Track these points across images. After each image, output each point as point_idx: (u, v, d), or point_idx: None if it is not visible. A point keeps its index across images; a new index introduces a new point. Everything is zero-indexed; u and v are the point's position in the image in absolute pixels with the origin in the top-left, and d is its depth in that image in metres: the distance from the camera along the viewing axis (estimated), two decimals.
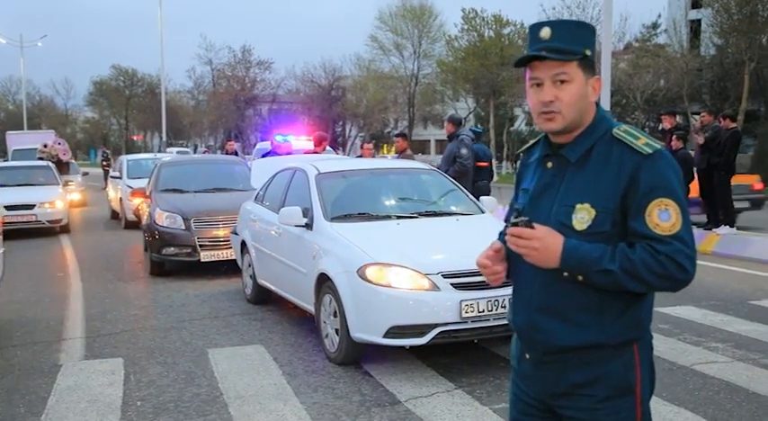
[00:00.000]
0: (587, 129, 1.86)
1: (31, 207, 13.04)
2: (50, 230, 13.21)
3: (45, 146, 19.94)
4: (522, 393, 2.01)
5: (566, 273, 1.79)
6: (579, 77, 1.83)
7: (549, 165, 1.90)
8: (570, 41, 1.81)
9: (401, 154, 10.23)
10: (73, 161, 21.52)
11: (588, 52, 1.84)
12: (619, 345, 1.84)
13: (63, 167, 18.68)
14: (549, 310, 1.85)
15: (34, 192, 13.49)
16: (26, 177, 14.70)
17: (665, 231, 1.74)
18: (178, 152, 34.52)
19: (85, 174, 21.29)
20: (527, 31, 1.91)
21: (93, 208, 18.83)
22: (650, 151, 1.78)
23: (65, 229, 13.41)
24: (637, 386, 1.86)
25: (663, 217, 1.75)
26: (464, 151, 9.22)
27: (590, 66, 1.86)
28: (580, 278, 1.77)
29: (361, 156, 10.91)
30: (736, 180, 10.87)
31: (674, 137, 10.05)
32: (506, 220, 2.21)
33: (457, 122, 9.75)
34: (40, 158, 18.69)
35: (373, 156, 10.20)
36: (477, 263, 2.00)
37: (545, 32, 1.82)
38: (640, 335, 1.88)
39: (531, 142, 2.08)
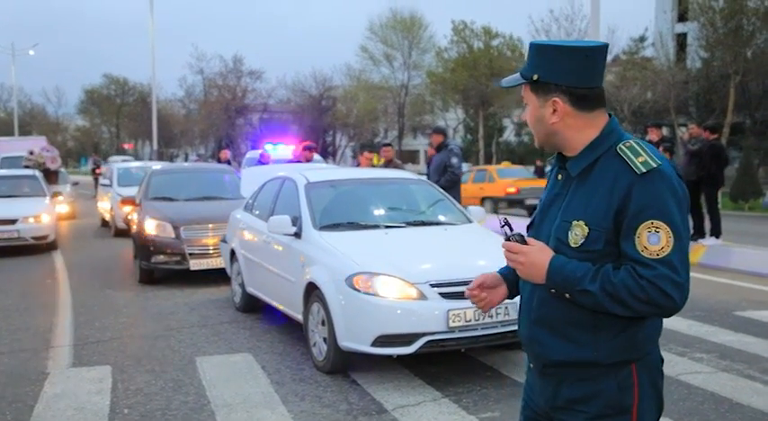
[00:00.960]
0: (592, 143, 1.83)
1: (12, 222, 11.49)
2: (35, 248, 11.77)
3: (31, 153, 18.34)
4: (531, 401, 2.03)
5: (553, 290, 1.80)
6: (533, 101, 1.87)
7: (560, 177, 1.92)
8: (527, 66, 1.87)
9: (389, 163, 10.30)
10: (62, 170, 19.98)
11: (536, 77, 1.82)
12: (613, 365, 1.81)
13: (51, 177, 17.21)
14: (545, 324, 1.87)
15: (17, 205, 11.93)
16: (9, 188, 13.00)
17: (652, 255, 1.69)
18: (93, 162, 31.07)
19: (75, 183, 19.86)
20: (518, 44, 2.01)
21: (83, 220, 17.58)
22: (644, 170, 1.71)
23: (51, 246, 11.94)
24: (633, 407, 1.82)
25: (652, 240, 1.69)
26: (455, 160, 9.37)
27: (542, 88, 1.83)
28: (567, 296, 1.78)
29: (358, 165, 10.92)
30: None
31: (660, 149, 10.15)
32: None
33: (445, 133, 9.89)
34: (27, 167, 17.22)
35: (372, 166, 10.22)
36: (468, 294, 2.09)
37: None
38: (639, 357, 1.83)
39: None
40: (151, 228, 8.81)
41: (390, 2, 76.37)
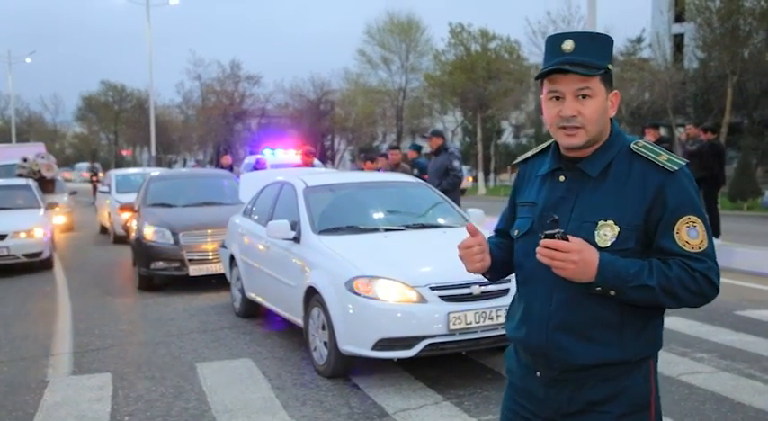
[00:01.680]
0: (606, 143, 1.81)
1: (2, 237, 10.22)
2: (27, 266, 10.48)
3: (25, 160, 17.01)
4: (524, 410, 1.94)
5: (598, 288, 1.72)
6: (601, 92, 1.78)
7: (562, 178, 1.84)
8: (593, 55, 1.75)
9: (396, 167, 10.24)
10: (59, 178, 18.41)
11: (610, 66, 1.80)
12: (638, 362, 1.82)
13: (48, 185, 16.17)
14: (569, 329, 1.79)
15: (7, 219, 10.66)
16: (0, 199, 11.69)
17: (695, 248, 1.73)
18: (90, 169, 29.73)
19: (73, 193, 18.25)
20: (545, 42, 1.85)
21: (81, 233, 16.52)
22: (676, 168, 1.75)
23: (46, 265, 10.59)
24: (651, 402, 1.84)
25: (692, 234, 1.73)
26: (456, 163, 9.41)
27: (610, 80, 1.81)
28: (612, 293, 1.72)
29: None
30: None
31: None
32: (497, 231, 2.17)
33: (443, 135, 9.89)
34: (20, 175, 15.96)
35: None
36: (461, 245, 1.97)
37: (567, 45, 1.75)
38: (657, 351, 1.86)
39: (531, 153, 2.02)
40: (150, 234, 8.80)
41: (388, 5, 76.53)
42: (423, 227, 5.99)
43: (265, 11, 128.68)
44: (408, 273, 4.85)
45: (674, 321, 6.58)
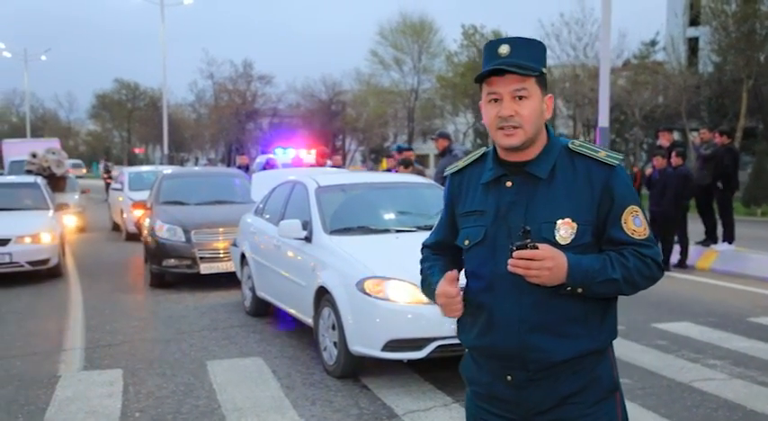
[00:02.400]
0: (548, 145, 1.90)
1: (4, 242, 9.03)
2: (33, 275, 9.32)
3: (34, 156, 15.83)
4: (495, 417, 1.96)
5: (568, 288, 1.79)
6: (537, 94, 1.86)
7: (509, 184, 1.89)
8: (529, 58, 1.84)
9: (408, 167, 10.19)
10: (70, 175, 17.14)
11: (544, 70, 1.88)
12: (606, 349, 1.93)
13: (59, 183, 15.24)
14: (542, 328, 1.83)
15: (12, 221, 9.52)
16: (5, 199, 10.45)
17: (642, 235, 1.85)
18: (104, 167, 29.49)
19: (85, 191, 16.97)
20: (483, 49, 1.94)
21: (94, 234, 15.54)
22: (616, 163, 1.86)
23: (54, 272, 9.47)
24: (617, 385, 1.95)
25: (636, 222, 1.85)
26: None
27: (545, 83, 1.89)
28: (580, 290, 1.80)
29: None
30: None
31: (673, 153, 10.08)
32: (431, 245, 2.16)
33: (449, 137, 9.87)
34: (29, 172, 14.93)
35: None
36: (444, 293, 1.91)
37: (504, 49, 1.84)
38: (615, 337, 1.97)
39: (464, 163, 2.05)
40: (162, 231, 8.84)
41: (400, 6, 76.54)
42: None
43: (278, 11, 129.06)
44: (419, 275, 4.83)
45: (685, 327, 6.54)
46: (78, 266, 10.75)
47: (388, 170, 10.78)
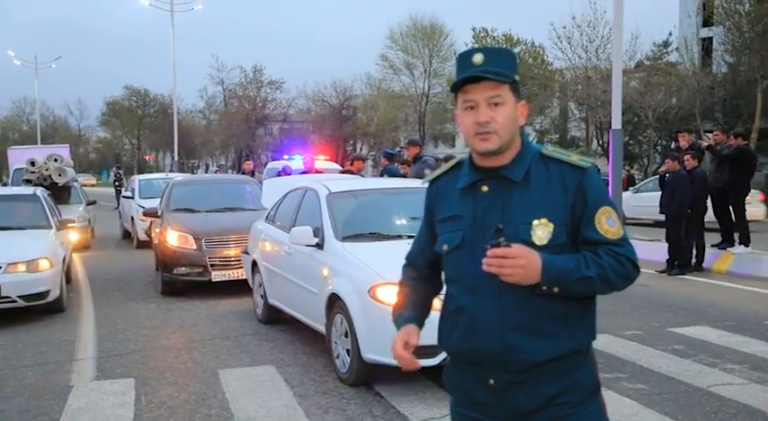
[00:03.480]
0: (522, 151, 1.95)
1: None
2: (30, 311, 7.50)
3: (33, 163, 13.79)
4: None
5: (544, 287, 1.82)
6: (511, 100, 1.91)
7: (485, 189, 1.94)
8: (501, 66, 1.89)
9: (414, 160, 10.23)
10: (75, 184, 15.27)
11: (516, 78, 1.93)
12: (585, 350, 1.95)
13: (62, 193, 13.57)
14: (523, 329, 1.86)
15: (2, 244, 7.66)
16: None
17: (615, 235, 1.89)
18: (114, 174, 29.39)
19: (92, 202, 14.91)
20: (456, 59, 1.99)
21: (104, 242, 14.95)
22: (588, 166, 1.92)
23: (54, 308, 7.67)
24: (599, 385, 1.98)
25: (610, 222, 1.90)
26: (428, 172, 9.48)
27: (518, 91, 1.95)
28: (556, 290, 1.83)
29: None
30: None
31: (689, 156, 9.97)
32: (407, 260, 2.25)
33: (420, 145, 10.03)
34: (27, 182, 13.26)
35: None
36: (396, 353, 2.02)
37: (478, 58, 1.89)
38: (594, 338, 1.99)
39: (440, 172, 2.11)
40: (173, 239, 8.84)
41: (410, 10, 76.58)
42: None
43: (288, 16, 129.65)
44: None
45: (702, 331, 6.45)
46: (89, 275, 10.78)
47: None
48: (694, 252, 9.91)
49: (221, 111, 54.65)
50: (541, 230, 1.86)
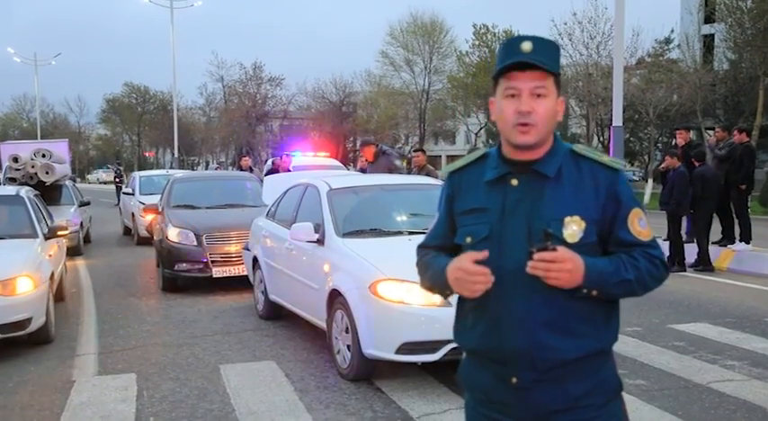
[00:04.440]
0: (554, 146, 1.92)
1: None
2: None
3: (16, 160, 12.05)
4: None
5: (584, 290, 1.79)
6: (553, 94, 1.86)
7: (515, 182, 1.89)
8: (549, 58, 1.85)
9: (421, 169, 10.18)
10: (67, 183, 13.62)
11: (560, 72, 1.91)
12: (609, 350, 1.94)
13: (51, 193, 12.08)
14: (552, 326, 1.82)
15: None
16: None
17: (647, 237, 1.89)
18: (115, 171, 28.94)
19: (85, 203, 13.26)
20: (501, 46, 1.92)
21: (105, 239, 14.45)
22: (620, 167, 1.91)
23: (38, 339, 6.15)
24: (621, 386, 1.97)
25: (641, 224, 1.89)
26: (398, 162, 9.72)
27: (560, 85, 1.91)
28: (595, 293, 1.80)
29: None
30: None
31: (693, 158, 9.95)
32: (433, 247, 2.08)
33: (374, 143, 9.97)
34: (11, 180, 11.77)
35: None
36: (462, 268, 1.82)
37: (526, 46, 1.83)
38: (617, 339, 1.97)
39: (463, 163, 2.04)
40: (174, 235, 8.86)
41: (411, 7, 76.43)
42: None
43: (288, 13, 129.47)
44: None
45: (703, 328, 6.46)
46: (91, 271, 10.80)
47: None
48: (695, 249, 9.89)
49: (221, 108, 54.62)
50: (573, 228, 1.82)
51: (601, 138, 36.16)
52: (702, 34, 33.33)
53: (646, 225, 1.90)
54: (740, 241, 10.28)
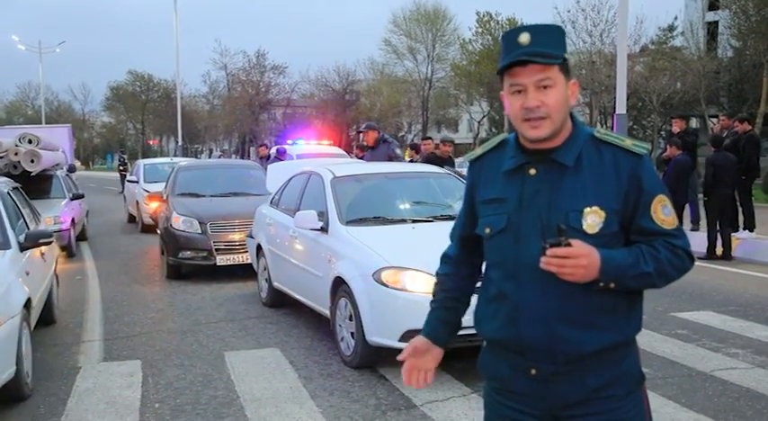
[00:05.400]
0: (573, 133, 1.85)
1: None
2: None
3: None
4: (517, 412, 1.90)
5: (601, 284, 1.75)
6: (561, 81, 1.80)
7: (533, 172, 1.84)
8: (549, 46, 1.78)
9: (445, 161, 10.17)
10: (58, 173, 11.85)
11: (566, 55, 1.83)
12: (631, 342, 1.90)
13: (41, 185, 10.66)
14: (571, 319, 1.79)
15: None
16: None
17: (671, 225, 1.82)
18: (119, 159, 28.69)
19: (78, 196, 11.70)
20: (501, 39, 1.86)
21: (110, 227, 13.86)
22: (643, 152, 1.83)
23: (10, 396, 4.39)
24: (643, 377, 1.94)
25: (665, 212, 1.82)
26: (398, 151, 9.73)
27: (568, 69, 1.84)
28: (612, 285, 1.76)
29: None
30: None
31: (673, 144, 10.01)
32: (457, 238, 2.14)
33: (378, 128, 10.00)
34: None
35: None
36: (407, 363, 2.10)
37: (524, 38, 1.77)
38: (640, 329, 1.94)
39: (483, 150, 2.00)
40: (178, 223, 8.87)
41: None
42: (450, 218, 5.93)
43: (290, 0, 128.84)
44: (436, 265, 4.80)
45: (706, 316, 6.46)
46: (95, 258, 10.84)
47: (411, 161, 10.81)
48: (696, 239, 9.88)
49: (224, 96, 54.46)
50: (593, 218, 1.77)
51: (604, 127, 36.02)
52: (706, 21, 33.10)
53: (670, 213, 1.83)
54: (744, 229, 10.26)
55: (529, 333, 1.82)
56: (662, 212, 1.82)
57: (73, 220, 10.99)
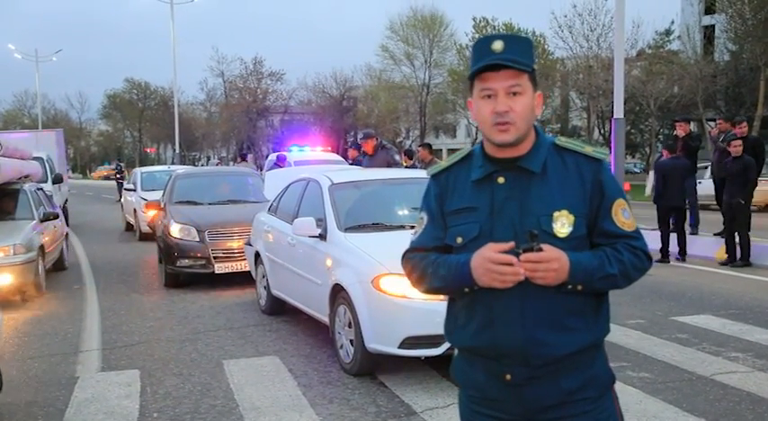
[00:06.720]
0: (537, 141, 1.92)
1: None
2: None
3: None
4: (491, 419, 1.93)
5: (569, 286, 1.80)
6: (530, 91, 1.86)
7: (502, 180, 1.89)
8: (521, 55, 1.84)
9: (427, 164, 10.17)
10: (25, 187, 9.34)
11: (535, 67, 1.90)
12: (600, 343, 1.96)
13: (4, 203, 8.89)
14: (546, 323, 1.83)
15: None
16: None
17: (631, 228, 1.90)
18: (116, 167, 28.91)
19: (50, 216, 9.12)
20: (474, 45, 1.91)
21: (103, 246, 12.63)
22: (603, 157, 1.92)
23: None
24: (614, 377, 1.99)
25: (625, 215, 1.90)
26: (397, 157, 9.80)
27: (536, 81, 1.91)
28: (579, 287, 1.81)
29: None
30: None
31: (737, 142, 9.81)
32: (430, 249, 1.99)
33: (376, 136, 10.05)
34: None
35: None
36: (491, 258, 1.77)
37: (498, 45, 1.83)
38: (609, 331, 1.98)
39: (448, 164, 2.03)
40: (176, 231, 8.85)
41: (411, 0, 76.23)
42: None
43: (288, 8, 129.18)
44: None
45: (706, 319, 6.45)
46: (93, 267, 10.80)
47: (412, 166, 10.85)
48: (697, 241, 9.87)
49: (222, 104, 54.56)
50: (563, 222, 1.83)
51: (602, 131, 36.11)
52: (703, 25, 33.23)
53: (630, 215, 1.91)
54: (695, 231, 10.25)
55: (505, 337, 1.85)
56: (622, 215, 1.90)
57: (41, 248, 8.45)
